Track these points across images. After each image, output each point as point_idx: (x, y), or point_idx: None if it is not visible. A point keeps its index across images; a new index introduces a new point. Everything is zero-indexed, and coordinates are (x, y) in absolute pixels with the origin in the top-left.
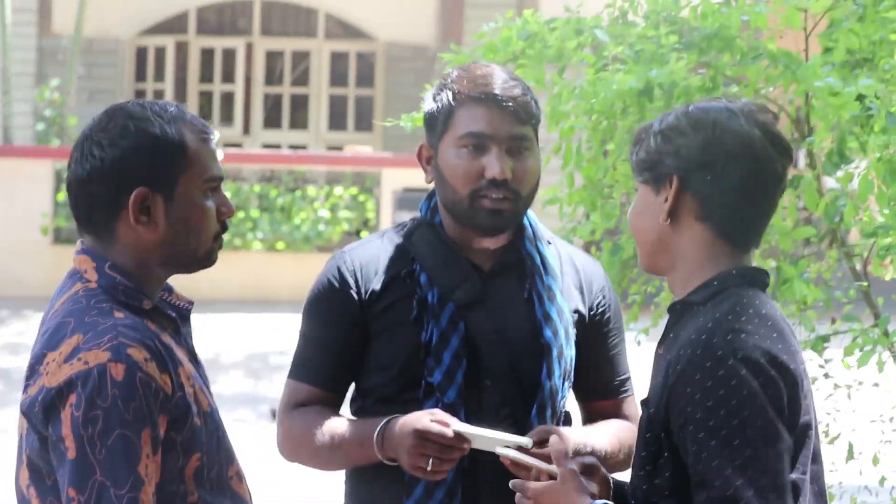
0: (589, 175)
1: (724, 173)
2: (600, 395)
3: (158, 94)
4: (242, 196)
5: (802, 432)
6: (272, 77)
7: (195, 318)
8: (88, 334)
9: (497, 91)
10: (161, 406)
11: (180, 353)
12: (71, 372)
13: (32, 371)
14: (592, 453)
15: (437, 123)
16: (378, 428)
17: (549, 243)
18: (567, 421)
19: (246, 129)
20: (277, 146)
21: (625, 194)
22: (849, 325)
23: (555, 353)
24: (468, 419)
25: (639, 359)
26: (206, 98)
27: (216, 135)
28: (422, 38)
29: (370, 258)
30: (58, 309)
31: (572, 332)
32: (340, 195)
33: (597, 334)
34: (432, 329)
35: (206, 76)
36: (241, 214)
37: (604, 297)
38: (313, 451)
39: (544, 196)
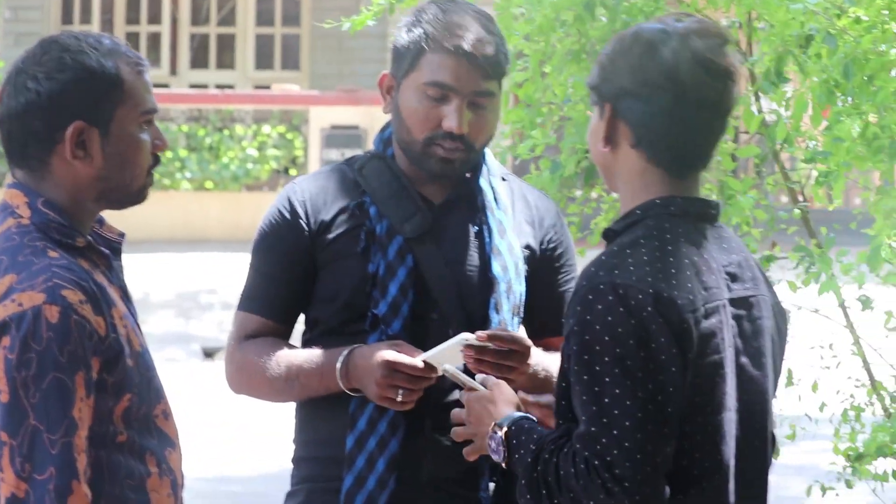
0: (527, 94)
1: (649, 101)
2: (550, 330)
3: None
4: (170, 136)
5: (711, 371)
6: (198, 17)
7: (130, 259)
8: (22, 274)
9: (468, 47)
10: (95, 348)
11: (112, 292)
12: (4, 314)
13: None
14: (546, 376)
15: (403, 61)
16: (341, 357)
17: (504, 179)
18: None
19: (173, 70)
20: (204, 86)
21: (562, 112)
22: (788, 253)
23: (503, 287)
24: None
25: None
26: (132, 39)
27: (148, 66)
28: None
29: (320, 189)
30: None
31: (522, 267)
32: (268, 134)
33: (548, 269)
34: (379, 261)
35: (132, 17)
36: (169, 154)
37: (555, 233)
38: (267, 382)
39: (507, 120)
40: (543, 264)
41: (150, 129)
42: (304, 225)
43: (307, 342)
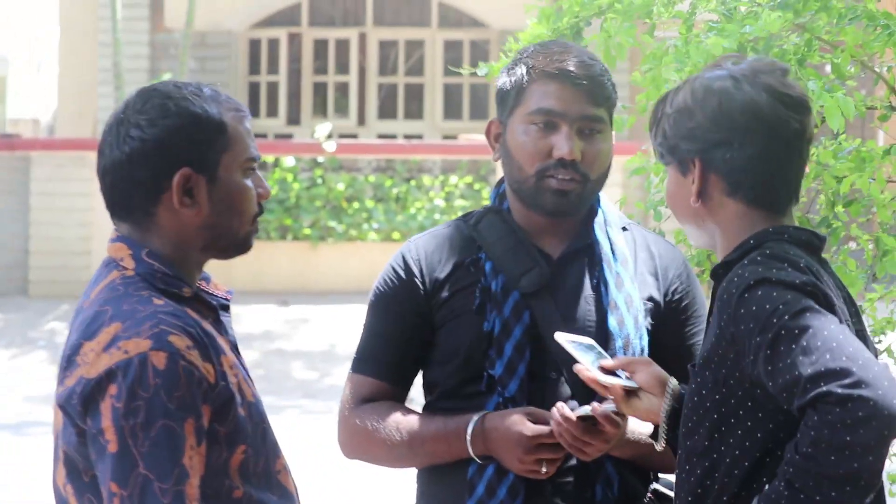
0: None
1: (741, 147)
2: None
3: (272, 87)
4: (358, 187)
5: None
6: (386, 67)
7: (316, 310)
8: (128, 322)
9: (572, 68)
10: (205, 395)
11: (222, 342)
12: (111, 362)
13: (69, 362)
14: (634, 440)
15: (508, 98)
16: (471, 426)
17: (625, 229)
18: None
19: (361, 120)
20: (393, 136)
21: None
22: None
23: (619, 343)
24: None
25: None
26: (320, 89)
27: (249, 114)
28: None
29: (436, 247)
30: (94, 298)
31: (643, 321)
32: (456, 184)
33: (673, 322)
34: (495, 319)
35: (320, 67)
36: (356, 205)
37: (681, 284)
38: (386, 449)
39: (629, 165)
40: (669, 316)
41: (253, 177)
42: (420, 284)
43: (427, 406)
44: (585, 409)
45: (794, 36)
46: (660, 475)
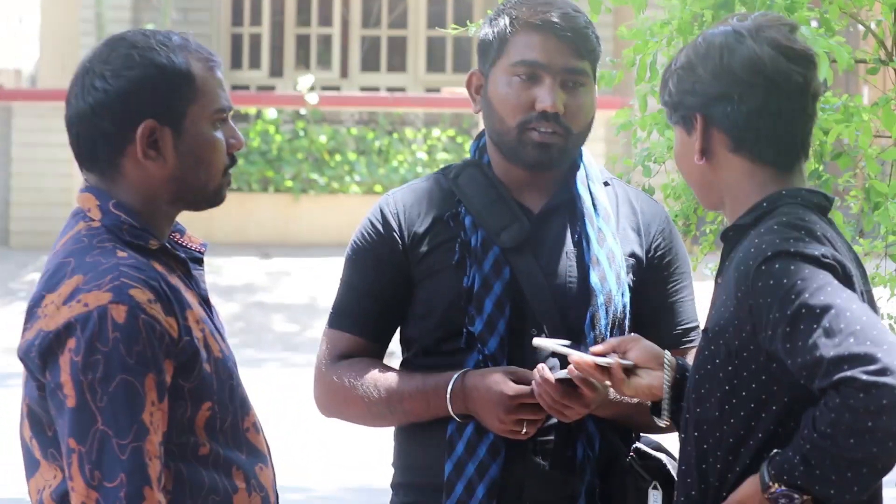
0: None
1: (742, 101)
2: (661, 344)
3: (255, 38)
4: (340, 139)
5: None
6: (369, 19)
7: (297, 263)
8: (89, 274)
9: (556, 19)
10: (167, 350)
11: (189, 296)
12: (70, 314)
13: (30, 314)
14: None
15: (490, 50)
16: (451, 384)
17: (607, 184)
18: None
19: (343, 73)
20: (375, 89)
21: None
22: None
23: (601, 299)
24: None
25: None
26: (303, 41)
27: (220, 63)
28: None
29: (415, 200)
30: (59, 249)
31: (625, 277)
32: (438, 137)
33: (655, 279)
34: (474, 274)
35: (303, 20)
36: (338, 158)
37: (664, 240)
38: (364, 406)
39: (615, 121)
40: (652, 273)
41: (224, 128)
42: (398, 238)
43: (404, 363)
44: (564, 373)
45: None
46: (641, 435)
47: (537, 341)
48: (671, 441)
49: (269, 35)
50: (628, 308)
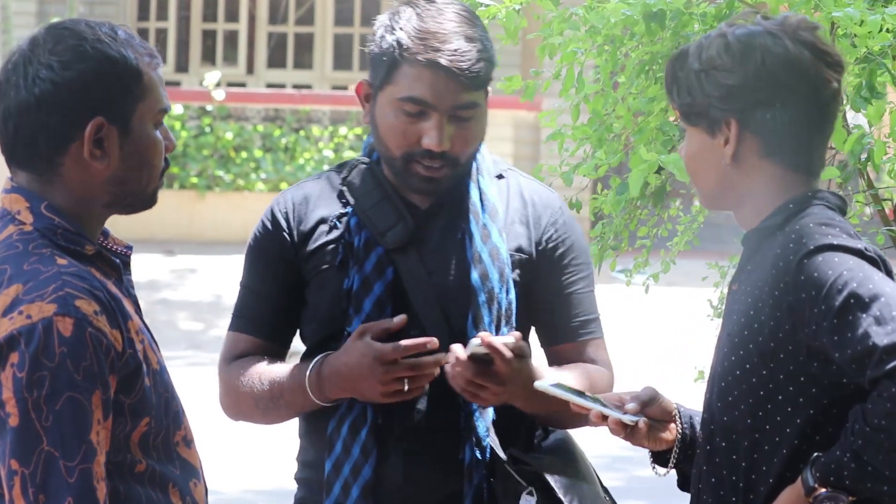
0: (596, 109)
1: (783, 107)
2: (559, 337)
3: (161, 33)
4: (246, 136)
5: None
6: (276, 16)
7: (202, 260)
8: (29, 283)
9: (446, 61)
10: (111, 365)
11: (128, 305)
12: (11, 327)
13: None
14: None
15: (379, 69)
16: (309, 371)
17: (501, 177)
18: None
19: (250, 69)
20: (282, 86)
21: (631, 130)
22: None
23: (482, 297)
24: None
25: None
26: (209, 37)
27: (161, 61)
28: None
29: (303, 199)
30: None
31: (509, 272)
32: (345, 135)
33: (549, 270)
34: (354, 275)
35: (209, 15)
36: (244, 155)
37: (556, 231)
38: (253, 401)
39: (546, 126)
40: (543, 265)
41: (161, 129)
42: (287, 237)
43: (303, 358)
44: (476, 344)
45: (713, 8)
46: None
47: (539, 384)
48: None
49: (176, 30)
50: (514, 305)
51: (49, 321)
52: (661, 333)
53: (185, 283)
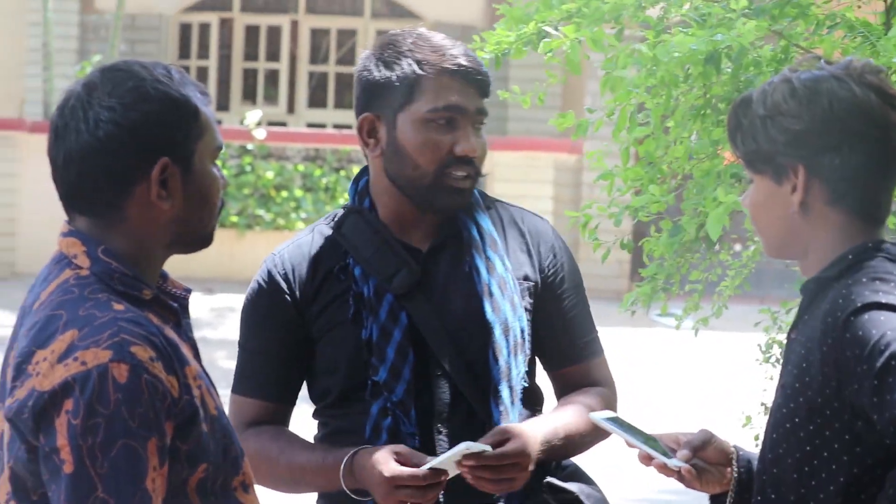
0: (648, 151)
1: (851, 152)
2: (566, 360)
3: (202, 71)
4: (286, 175)
5: None
6: (317, 55)
7: (242, 299)
8: (85, 329)
9: (467, 63)
10: (168, 412)
11: (185, 350)
12: (66, 374)
13: (19, 370)
14: (565, 438)
15: (392, 93)
16: (344, 463)
17: (489, 208)
18: (533, 396)
19: (290, 108)
20: (322, 125)
21: (687, 170)
22: None
23: (498, 330)
24: (420, 414)
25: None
26: (250, 76)
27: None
28: (469, 18)
29: (301, 257)
30: (45, 300)
31: (519, 301)
32: None
33: (551, 297)
34: (372, 325)
35: (250, 54)
36: (284, 194)
37: (554, 257)
38: (272, 479)
39: (595, 168)
40: (547, 291)
41: (215, 166)
42: (289, 298)
43: (316, 412)
44: (462, 449)
45: (768, 46)
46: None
47: (595, 418)
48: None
49: (217, 68)
50: (527, 331)
51: (104, 368)
52: (709, 378)
53: (224, 322)
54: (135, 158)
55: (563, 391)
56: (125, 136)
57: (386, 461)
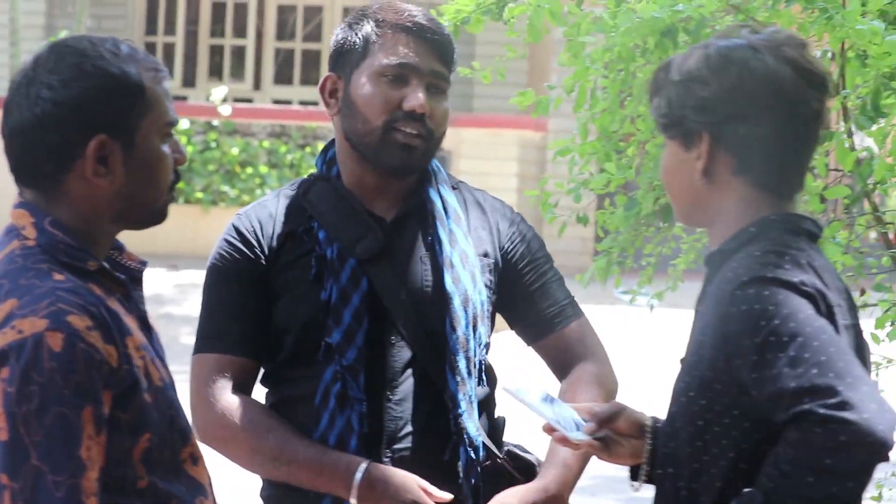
0: (603, 126)
1: (757, 124)
2: (541, 330)
3: (168, 48)
4: (252, 152)
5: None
6: (284, 32)
7: (200, 275)
8: (24, 298)
9: (424, 21)
10: (105, 380)
11: (129, 321)
12: (3, 342)
13: None
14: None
15: (352, 53)
16: (359, 474)
17: (455, 188)
18: (487, 373)
19: (257, 85)
20: (288, 102)
21: (641, 147)
22: (879, 297)
23: (457, 301)
24: (370, 381)
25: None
26: (217, 52)
27: (168, 75)
28: None
29: (268, 216)
30: None
31: (479, 275)
32: None
33: (517, 272)
34: (332, 287)
35: (217, 30)
36: (249, 170)
37: (514, 233)
38: (249, 453)
39: (554, 146)
40: (511, 267)
41: (170, 142)
42: (259, 253)
43: (265, 376)
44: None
45: (729, 17)
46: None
47: (506, 388)
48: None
49: (183, 45)
50: (487, 305)
51: (39, 336)
52: (665, 355)
53: (188, 298)
54: (71, 134)
55: (552, 363)
56: (62, 112)
57: (418, 492)
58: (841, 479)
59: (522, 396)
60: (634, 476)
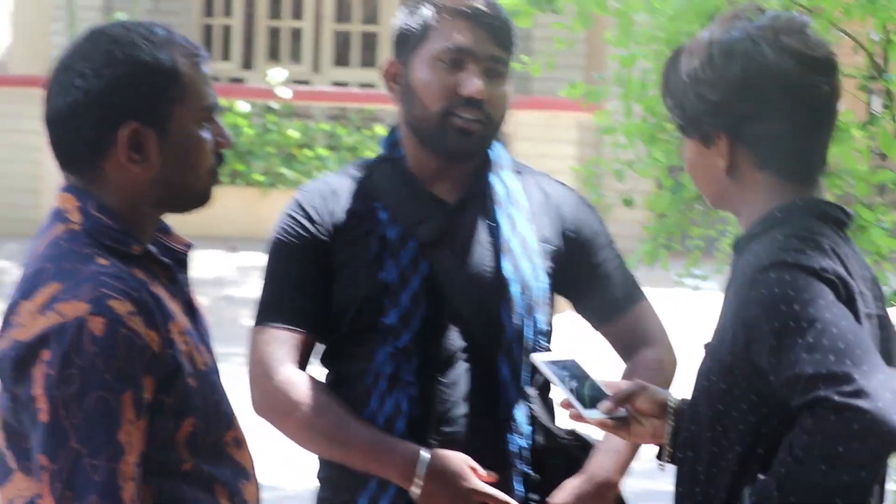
0: (651, 108)
1: (769, 120)
2: (610, 313)
3: (226, 30)
4: (310, 134)
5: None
6: (342, 14)
7: (265, 257)
8: (67, 282)
9: (482, 6)
10: (147, 365)
11: (173, 306)
12: (46, 325)
13: (5, 322)
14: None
15: (411, 38)
16: (421, 462)
17: (519, 172)
18: None
19: (315, 67)
20: (346, 84)
21: None
22: None
23: (515, 287)
24: (422, 364)
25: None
26: (275, 34)
27: (207, 58)
28: None
29: (331, 193)
30: (37, 252)
31: (540, 261)
32: None
33: (581, 258)
34: (391, 267)
35: (274, 12)
36: (308, 153)
37: (576, 217)
38: (305, 429)
39: (600, 122)
40: (573, 253)
41: (211, 126)
42: (322, 228)
43: (324, 355)
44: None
45: (774, 1)
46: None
47: (535, 358)
48: None
49: (242, 27)
50: (547, 292)
51: (82, 320)
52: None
53: (248, 280)
54: (102, 122)
55: (618, 345)
56: (92, 101)
57: (471, 475)
58: (853, 468)
59: (545, 369)
60: (661, 455)
